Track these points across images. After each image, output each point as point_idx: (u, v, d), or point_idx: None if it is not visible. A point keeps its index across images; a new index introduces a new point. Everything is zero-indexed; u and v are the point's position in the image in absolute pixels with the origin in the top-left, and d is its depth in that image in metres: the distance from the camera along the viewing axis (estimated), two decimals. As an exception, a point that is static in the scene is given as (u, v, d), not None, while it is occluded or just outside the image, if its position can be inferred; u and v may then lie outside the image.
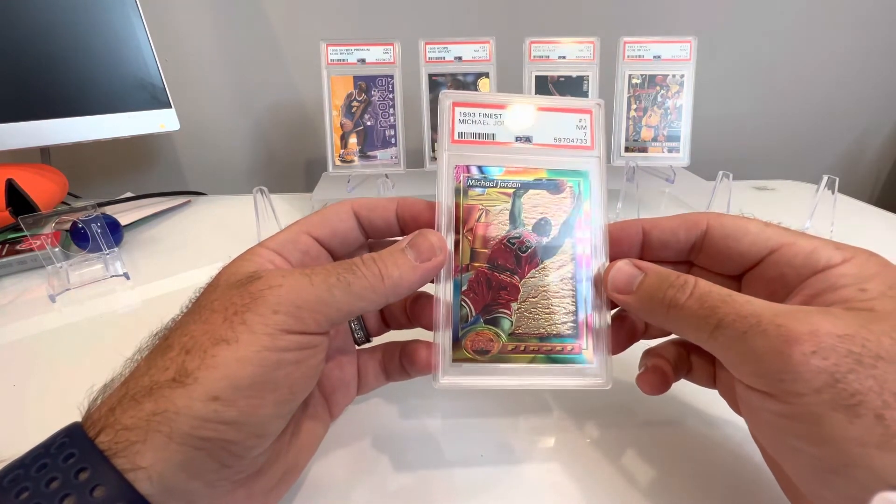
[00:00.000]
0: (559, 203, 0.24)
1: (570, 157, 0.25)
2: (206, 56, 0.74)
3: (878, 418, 0.15)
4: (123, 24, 0.59)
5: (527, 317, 0.23)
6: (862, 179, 0.93)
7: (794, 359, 0.16)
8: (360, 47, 0.56)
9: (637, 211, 0.53)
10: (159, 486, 0.16)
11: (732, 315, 0.18)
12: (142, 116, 0.62)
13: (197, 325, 0.18)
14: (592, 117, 0.25)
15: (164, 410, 0.16)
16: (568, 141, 0.25)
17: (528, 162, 0.24)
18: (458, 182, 0.24)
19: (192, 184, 0.83)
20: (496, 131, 0.25)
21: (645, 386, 0.23)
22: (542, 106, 0.25)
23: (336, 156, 0.58)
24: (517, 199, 0.24)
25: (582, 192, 0.24)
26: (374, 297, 0.20)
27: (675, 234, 0.23)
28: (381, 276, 0.20)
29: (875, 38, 0.79)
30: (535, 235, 0.24)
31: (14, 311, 0.40)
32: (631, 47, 0.59)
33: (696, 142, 0.60)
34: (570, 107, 0.25)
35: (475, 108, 0.25)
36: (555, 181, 0.24)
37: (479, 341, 0.23)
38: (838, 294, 0.19)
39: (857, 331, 0.16)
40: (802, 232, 0.21)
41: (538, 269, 0.24)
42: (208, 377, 0.17)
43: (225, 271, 0.21)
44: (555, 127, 0.25)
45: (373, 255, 0.21)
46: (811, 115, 0.85)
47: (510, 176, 0.24)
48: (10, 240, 0.49)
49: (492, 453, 0.25)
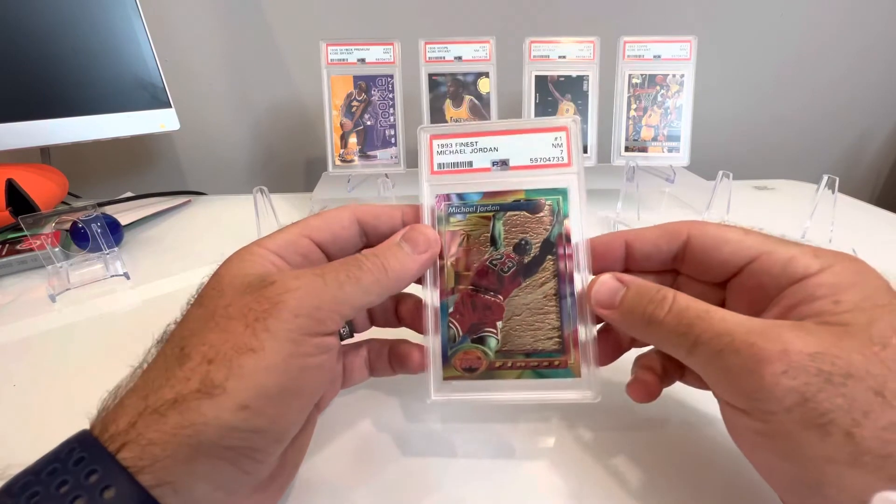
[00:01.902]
0: (538, 222, 0.25)
1: (547, 177, 0.25)
2: (206, 56, 0.74)
3: (847, 436, 0.16)
4: (123, 24, 0.59)
5: (512, 334, 0.24)
6: (862, 179, 0.93)
7: (765, 379, 0.17)
8: (360, 47, 0.56)
9: (637, 211, 0.53)
10: (184, 498, 0.16)
11: (708, 333, 0.18)
12: (142, 116, 0.62)
13: (215, 333, 0.18)
14: (569, 134, 0.25)
15: (192, 423, 0.16)
16: (545, 160, 0.25)
17: (505, 185, 0.25)
18: (439, 210, 0.25)
19: (192, 184, 0.83)
20: (473, 158, 0.25)
21: (633, 395, 0.23)
22: (516, 129, 0.25)
23: (336, 155, 0.58)
24: (497, 221, 0.25)
25: (561, 210, 0.25)
26: (380, 290, 0.21)
27: (657, 245, 0.23)
28: (385, 269, 0.21)
29: (875, 38, 0.79)
30: (516, 256, 0.25)
31: (14, 311, 0.40)
32: (631, 47, 0.59)
33: (696, 142, 0.60)
34: (546, 126, 0.25)
35: (452, 139, 0.25)
36: (533, 201, 0.25)
37: (467, 360, 0.24)
38: (813, 306, 0.18)
39: (827, 348, 0.17)
40: (783, 239, 0.21)
41: (521, 288, 0.24)
42: (237, 387, 0.17)
43: (227, 273, 0.20)
44: (531, 148, 0.25)
45: (373, 251, 0.22)
46: (811, 115, 0.85)
47: (489, 200, 0.25)
48: (11, 240, 0.49)
49: (486, 451, 0.26)
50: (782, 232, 0.54)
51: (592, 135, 0.60)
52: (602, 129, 0.60)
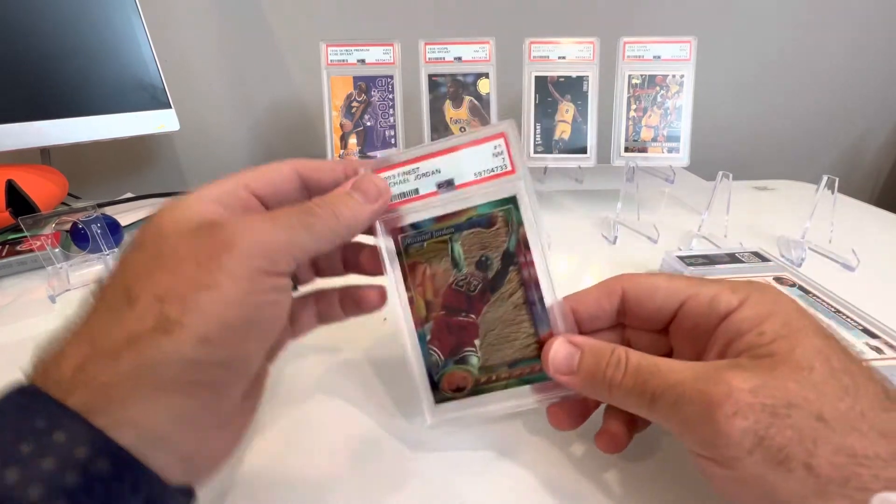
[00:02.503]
0: (495, 236, 0.25)
1: (493, 188, 0.25)
2: (205, 56, 0.74)
3: (807, 469, 0.16)
4: (123, 24, 0.59)
5: (492, 349, 0.25)
6: (862, 179, 0.93)
7: (720, 423, 0.17)
8: (359, 48, 0.56)
9: (637, 212, 0.53)
10: (146, 437, 0.16)
11: (662, 387, 0.19)
12: (142, 116, 0.62)
13: (164, 274, 0.17)
14: (507, 139, 0.24)
15: (151, 361, 0.16)
16: (488, 172, 0.25)
17: (455, 206, 0.25)
18: (396, 245, 0.25)
19: (192, 184, 0.82)
20: (418, 185, 0.25)
21: (601, 446, 0.23)
22: (454, 146, 0.25)
23: (336, 156, 0.58)
24: (454, 243, 0.25)
25: (514, 219, 0.25)
26: (332, 237, 0.21)
27: (599, 305, 0.24)
28: (336, 216, 0.21)
29: (875, 39, 0.79)
30: (480, 273, 0.25)
31: (14, 312, 0.40)
32: (631, 47, 0.59)
33: (696, 142, 0.60)
34: (482, 137, 0.25)
35: (393, 170, 0.25)
36: (485, 216, 0.25)
37: (454, 381, 0.25)
38: (743, 342, 0.19)
39: (764, 381, 0.17)
40: (704, 279, 0.23)
41: (490, 304, 0.25)
42: (195, 321, 0.17)
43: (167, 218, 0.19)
44: (472, 162, 0.25)
45: (324, 198, 0.22)
46: (811, 116, 0.85)
47: (442, 223, 0.25)
48: (11, 240, 0.49)
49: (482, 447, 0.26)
50: (782, 233, 0.54)
51: (592, 135, 0.60)
52: (602, 129, 0.60)
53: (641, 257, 0.48)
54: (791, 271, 0.40)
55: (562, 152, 0.61)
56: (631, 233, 0.53)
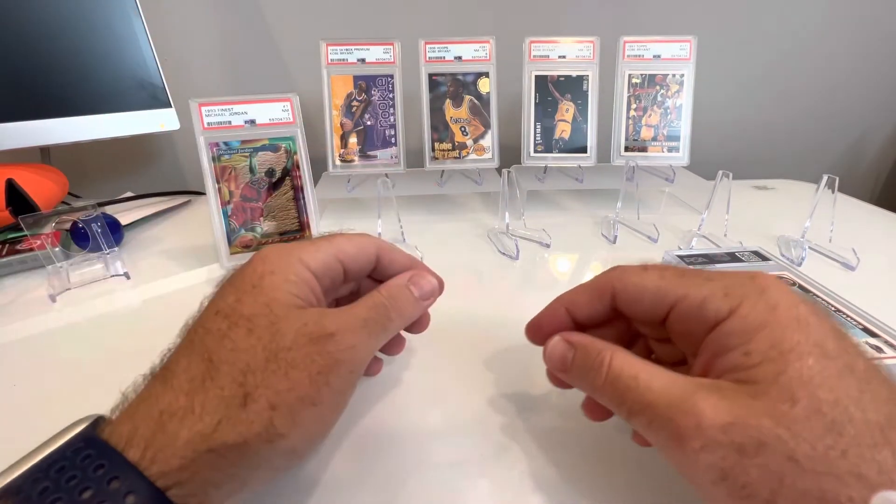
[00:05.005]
0: (279, 157, 0.45)
1: (281, 129, 0.44)
2: (206, 55, 0.74)
3: None
4: (123, 24, 0.59)
5: (271, 224, 0.45)
6: (862, 179, 0.93)
7: (687, 455, 0.17)
8: (360, 47, 0.56)
9: (637, 211, 0.53)
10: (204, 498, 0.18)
11: (638, 405, 0.19)
12: (142, 116, 0.62)
13: (280, 379, 0.19)
14: (292, 104, 0.45)
15: (249, 464, 0.18)
16: (278, 119, 0.44)
17: (254, 135, 0.44)
18: (212, 153, 0.43)
19: (192, 184, 0.83)
20: (231, 119, 0.43)
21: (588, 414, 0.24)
22: (258, 100, 0.44)
23: (336, 155, 0.58)
24: (252, 158, 0.44)
25: (292, 149, 0.45)
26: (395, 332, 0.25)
27: (593, 306, 0.24)
28: (403, 317, 0.25)
29: (875, 39, 0.79)
30: (267, 178, 0.44)
31: (14, 311, 0.40)
32: (631, 47, 0.59)
33: (696, 141, 0.60)
34: (276, 98, 0.44)
35: (216, 106, 0.43)
36: (274, 144, 0.44)
37: (244, 241, 0.44)
38: (728, 360, 0.18)
39: (739, 416, 0.17)
40: (700, 273, 0.21)
41: (273, 197, 0.45)
42: (296, 435, 0.19)
43: (277, 296, 0.21)
44: (269, 112, 0.44)
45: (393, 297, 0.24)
46: (811, 115, 0.85)
47: (245, 145, 0.43)
48: (11, 240, 0.49)
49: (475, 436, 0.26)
50: (782, 232, 0.54)
51: (592, 135, 0.60)
52: (602, 128, 0.60)
53: (641, 256, 0.48)
54: (791, 270, 0.40)
55: (562, 151, 0.61)
56: (631, 232, 0.53)
